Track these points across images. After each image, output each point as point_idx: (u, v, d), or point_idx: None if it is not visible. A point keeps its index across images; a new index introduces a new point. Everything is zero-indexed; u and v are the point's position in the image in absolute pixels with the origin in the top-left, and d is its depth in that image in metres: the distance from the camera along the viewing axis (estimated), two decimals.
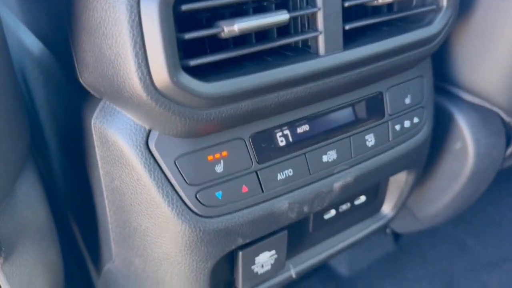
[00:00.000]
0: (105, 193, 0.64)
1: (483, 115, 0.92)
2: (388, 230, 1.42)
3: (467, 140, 0.91)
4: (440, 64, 0.89)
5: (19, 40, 0.87)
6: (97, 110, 0.58)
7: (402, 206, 0.93)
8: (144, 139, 0.57)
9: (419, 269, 1.46)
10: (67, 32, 0.54)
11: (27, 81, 0.89)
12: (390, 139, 0.75)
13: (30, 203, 0.61)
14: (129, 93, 0.50)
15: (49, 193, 1.01)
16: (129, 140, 0.56)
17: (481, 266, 1.45)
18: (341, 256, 1.44)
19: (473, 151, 0.91)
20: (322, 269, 1.43)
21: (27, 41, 0.82)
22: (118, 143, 0.57)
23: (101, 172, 0.62)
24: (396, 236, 1.54)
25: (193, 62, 0.50)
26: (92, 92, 0.58)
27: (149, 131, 0.57)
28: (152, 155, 0.57)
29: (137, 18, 0.46)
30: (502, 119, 0.93)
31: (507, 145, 0.97)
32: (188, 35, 0.49)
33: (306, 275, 1.40)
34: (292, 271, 0.81)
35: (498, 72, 0.83)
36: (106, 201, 0.65)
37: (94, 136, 0.60)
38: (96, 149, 0.60)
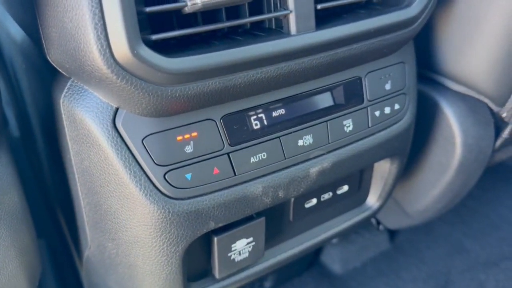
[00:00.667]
0: (76, 175, 0.64)
1: (471, 105, 0.90)
2: (381, 227, 1.40)
3: (454, 130, 0.90)
4: (424, 52, 0.88)
5: (6, 31, 0.88)
6: (66, 89, 0.58)
7: (388, 198, 0.92)
8: (111, 117, 0.56)
9: (414, 269, 1.44)
10: (35, 9, 0.54)
11: (15, 70, 0.90)
12: (370, 125, 0.74)
13: (1, 186, 0.61)
14: (90, 67, 0.49)
15: (38, 181, 1.01)
16: (96, 119, 0.56)
17: (478, 265, 1.43)
18: (334, 254, 1.43)
19: (460, 141, 0.90)
20: (315, 266, 1.41)
21: (12, 30, 0.83)
22: (85, 122, 0.57)
23: (71, 153, 0.62)
24: (391, 235, 1.52)
25: (155, 37, 0.50)
26: (60, 70, 0.57)
27: (116, 109, 0.56)
28: (119, 134, 0.57)
29: None
30: (490, 110, 0.92)
31: (496, 137, 0.95)
32: (150, 9, 0.49)
33: (299, 273, 1.38)
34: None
35: (484, 59, 0.82)
36: (78, 184, 0.64)
37: (63, 115, 0.59)
38: (66, 129, 0.60)
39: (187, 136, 0.59)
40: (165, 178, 0.59)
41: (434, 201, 1.02)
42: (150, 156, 0.57)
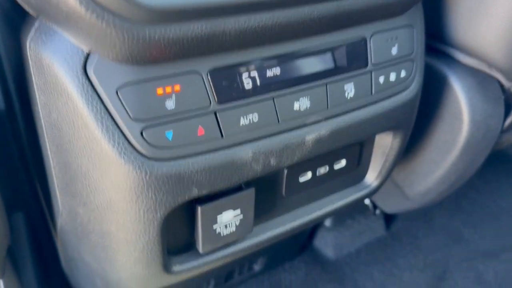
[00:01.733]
0: (44, 130, 0.57)
1: (481, 80, 0.84)
2: (378, 212, 1.34)
3: (462, 106, 0.83)
4: (433, 20, 0.81)
5: None
6: (33, 30, 0.51)
7: (387, 177, 0.86)
8: (82, 62, 0.49)
9: (410, 257, 1.39)
10: None
11: None
12: (373, 92, 0.68)
13: None
14: None
15: (19, 149, 0.94)
16: (64, 64, 0.49)
17: (477, 256, 1.38)
18: (328, 239, 1.37)
19: (468, 118, 0.84)
20: (308, 251, 1.36)
21: None
22: (53, 68, 0.50)
23: (39, 104, 0.55)
24: (388, 222, 1.46)
25: None
26: (26, 7, 0.50)
27: (88, 54, 0.50)
28: (91, 82, 0.50)
29: None
30: (501, 86, 0.86)
31: (506, 116, 0.89)
32: None
33: (290, 257, 1.32)
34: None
35: (498, 28, 0.75)
36: (46, 140, 0.58)
37: (30, 60, 0.53)
38: (33, 76, 0.53)
39: (168, 89, 0.52)
40: (142, 136, 0.52)
41: (436, 182, 0.96)
42: (125, 109, 0.51)
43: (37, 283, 1.08)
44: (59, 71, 0.50)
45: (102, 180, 0.55)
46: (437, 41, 0.85)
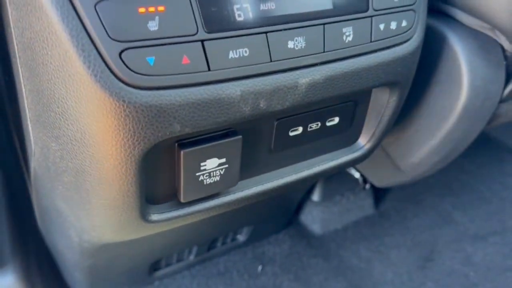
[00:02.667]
0: (17, 53, 0.52)
1: (483, 43, 0.81)
2: (367, 186, 1.31)
3: (461, 69, 0.80)
4: None
5: None
6: None
7: (381, 140, 0.82)
8: None
9: (398, 236, 1.36)
10: None
11: None
12: (372, 39, 0.64)
13: None
14: None
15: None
16: None
17: (466, 238, 1.35)
18: (315, 214, 1.34)
19: (467, 82, 0.80)
20: (294, 225, 1.32)
21: None
22: None
23: (11, 21, 0.50)
24: (377, 201, 1.43)
25: None
26: None
27: None
28: None
29: None
30: (503, 51, 0.82)
31: (506, 84, 0.86)
32: None
33: (276, 231, 1.29)
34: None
35: None
36: (19, 64, 0.53)
37: None
38: None
39: (151, 9, 0.48)
40: (120, 58, 0.47)
41: (430, 152, 0.93)
42: (104, 26, 0.46)
43: (11, 245, 1.04)
44: None
45: (76, 107, 0.50)
46: (440, 0, 0.81)
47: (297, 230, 1.31)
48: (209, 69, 0.53)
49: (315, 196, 1.33)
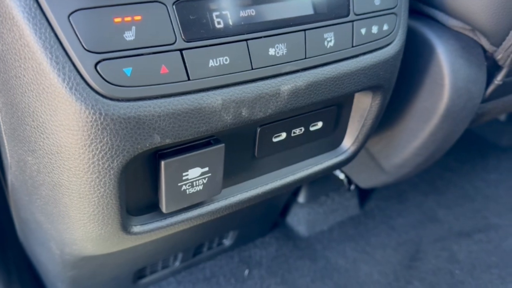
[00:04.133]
0: None
1: (464, 44, 0.81)
2: (352, 187, 1.31)
3: (443, 70, 0.80)
4: None
5: None
6: None
7: (364, 143, 0.82)
8: None
9: (384, 235, 1.36)
10: None
11: None
12: (354, 44, 0.63)
13: None
14: None
15: None
16: None
17: (451, 236, 1.36)
18: (301, 215, 1.33)
19: (449, 83, 0.80)
20: (280, 228, 1.32)
21: None
22: None
23: None
24: (362, 200, 1.43)
25: None
26: None
27: None
28: (39, 5, 0.44)
29: None
30: (484, 51, 0.82)
31: (488, 84, 0.86)
32: None
33: (262, 234, 1.28)
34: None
35: None
36: None
37: None
38: None
39: (127, 18, 0.47)
40: (96, 69, 0.46)
41: (413, 153, 0.93)
42: (78, 38, 0.45)
43: None
44: None
45: (51, 121, 0.49)
46: (421, 2, 0.81)
47: (283, 232, 1.31)
48: (188, 79, 0.52)
49: (301, 198, 1.32)
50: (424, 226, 1.41)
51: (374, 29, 0.65)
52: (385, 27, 0.66)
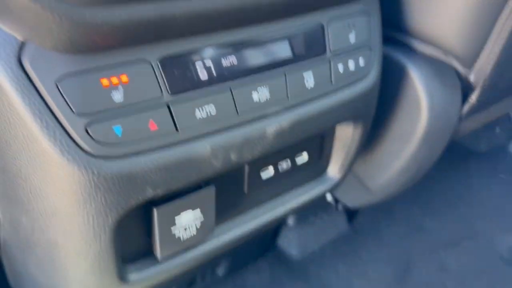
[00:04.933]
0: None
1: (437, 68, 0.84)
2: (340, 207, 1.33)
3: (420, 94, 0.83)
4: (389, 10, 0.80)
5: None
6: None
7: (349, 169, 0.84)
8: (16, 53, 0.44)
9: (374, 250, 1.38)
10: None
11: None
12: (333, 81, 0.65)
13: None
14: None
15: None
16: None
17: (439, 246, 1.39)
18: (292, 237, 1.34)
19: (426, 106, 0.83)
20: (272, 251, 1.33)
21: None
22: None
23: None
24: (350, 216, 1.45)
25: None
26: None
27: (23, 44, 0.45)
28: (27, 74, 0.45)
29: None
30: (457, 74, 0.85)
31: (463, 103, 0.89)
32: None
33: (254, 258, 1.29)
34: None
35: (452, 15, 0.75)
36: None
37: None
38: None
39: (114, 80, 0.48)
40: (87, 132, 0.47)
41: (397, 174, 0.95)
42: (67, 103, 0.46)
43: None
44: None
45: (44, 184, 0.49)
46: (394, 30, 0.84)
47: (275, 255, 1.32)
48: (177, 130, 0.53)
49: (290, 220, 1.33)
50: (412, 237, 1.43)
51: (351, 65, 0.67)
52: (361, 62, 0.69)
